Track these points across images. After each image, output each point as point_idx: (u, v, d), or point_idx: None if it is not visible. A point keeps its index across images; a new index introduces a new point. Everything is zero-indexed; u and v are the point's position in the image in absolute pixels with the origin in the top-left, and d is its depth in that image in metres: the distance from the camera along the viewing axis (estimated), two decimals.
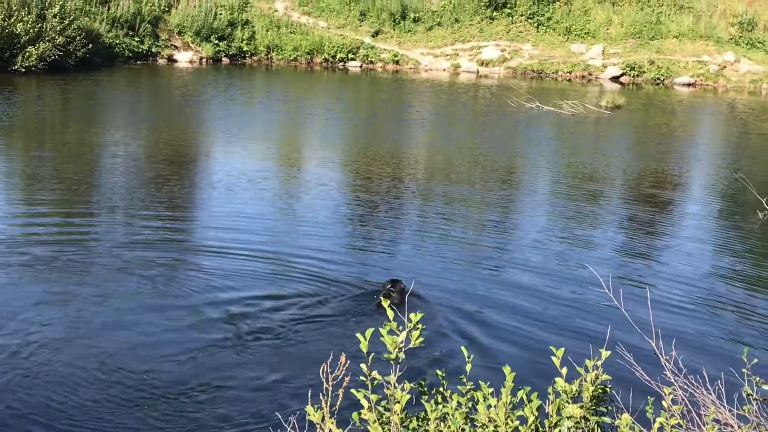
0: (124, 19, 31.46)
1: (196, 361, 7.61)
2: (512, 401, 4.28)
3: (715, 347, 8.43)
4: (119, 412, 6.54)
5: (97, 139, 18.38)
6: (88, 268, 10.00)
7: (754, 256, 12.21)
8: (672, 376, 4.66)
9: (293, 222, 13.18)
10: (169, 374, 7.27)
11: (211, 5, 33.65)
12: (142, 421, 6.43)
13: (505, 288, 9.94)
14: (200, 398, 6.85)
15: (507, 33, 37.81)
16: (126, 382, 7.03)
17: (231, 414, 6.60)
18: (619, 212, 14.63)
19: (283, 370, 7.40)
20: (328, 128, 22.21)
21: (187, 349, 7.85)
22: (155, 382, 7.08)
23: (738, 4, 39.86)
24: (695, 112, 29.79)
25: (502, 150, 19.97)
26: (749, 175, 16.92)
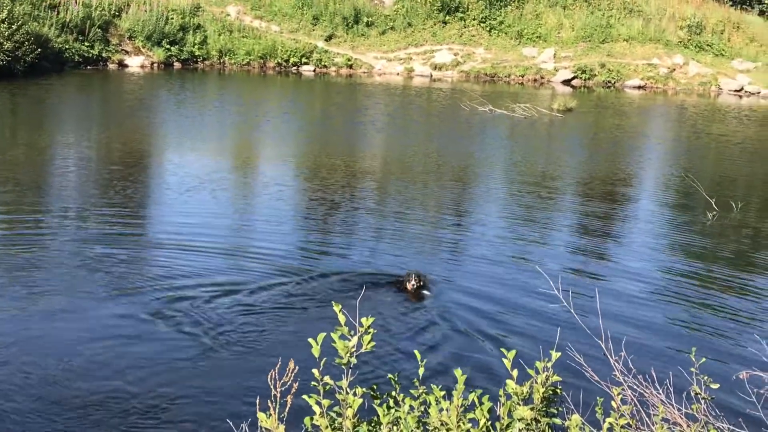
0: (73, 24, 31.02)
1: (149, 364, 7.53)
2: (464, 404, 4.30)
3: (664, 347, 8.51)
4: (60, 418, 6.45)
5: (47, 144, 18.16)
6: (40, 266, 9.92)
7: (703, 257, 12.37)
8: (621, 377, 4.70)
9: (249, 220, 13.20)
10: (117, 378, 7.19)
11: (162, 9, 33.36)
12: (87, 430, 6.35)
13: (454, 290, 9.95)
14: (151, 402, 6.78)
15: (460, 37, 37.97)
16: (70, 388, 6.93)
17: (182, 419, 6.55)
18: (570, 213, 14.75)
19: (238, 374, 7.36)
20: (282, 131, 22.12)
21: (140, 351, 7.78)
22: (102, 387, 6.99)
23: (686, 8, 40.43)
24: (646, 114, 30.14)
25: (455, 152, 20.04)
26: (699, 176, 17.18)
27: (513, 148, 21.58)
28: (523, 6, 39.33)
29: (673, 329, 9.15)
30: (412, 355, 4.67)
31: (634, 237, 13.49)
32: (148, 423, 6.49)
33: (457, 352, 8.02)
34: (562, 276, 9.89)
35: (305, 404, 4.24)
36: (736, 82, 36.27)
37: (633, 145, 23.68)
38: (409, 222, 13.52)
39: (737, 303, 10.22)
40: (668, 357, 8.06)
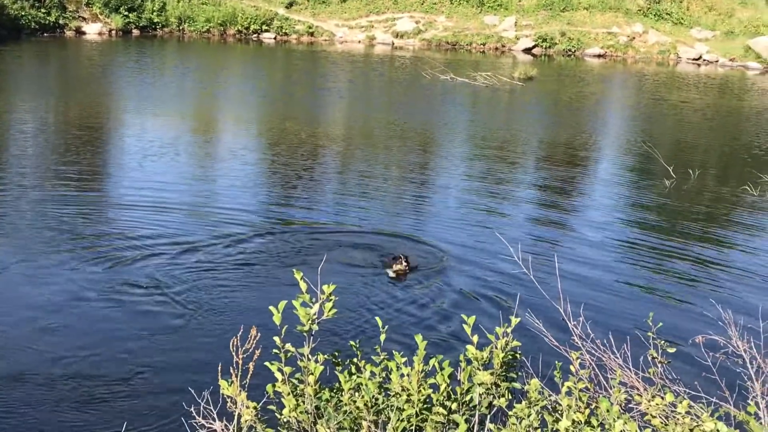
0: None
1: (109, 332, 7.49)
2: (425, 369, 4.32)
3: (623, 312, 8.58)
4: (16, 392, 6.40)
5: (4, 110, 17.86)
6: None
7: (661, 224, 12.49)
8: (580, 341, 4.76)
9: (211, 184, 13.25)
10: (76, 347, 7.14)
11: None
12: (51, 404, 6.30)
13: (415, 255, 9.97)
14: (111, 372, 6.74)
15: (421, 5, 37.82)
16: (23, 362, 6.87)
17: (144, 389, 6.52)
18: (530, 180, 14.83)
19: (201, 341, 7.34)
20: (244, 98, 21.99)
21: (99, 318, 7.75)
22: (61, 357, 6.94)
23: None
24: (606, 82, 30.30)
25: (417, 119, 20.02)
26: (657, 144, 17.34)
27: (474, 116, 21.60)
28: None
29: (631, 295, 9.24)
30: (373, 322, 4.68)
31: (594, 204, 13.59)
32: (108, 394, 6.44)
33: (418, 319, 8.05)
34: (523, 242, 9.97)
35: (268, 370, 4.24)
36: (695, 50, 36.53)
37: (593, 113, 23.81)
38: (372, 186, 13.54)
39: (694, 269, 10.34)
40: (626, 322, 8.13)
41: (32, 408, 6.21)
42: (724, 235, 12.00)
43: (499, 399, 4.36)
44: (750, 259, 10.87)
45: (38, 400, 6.33)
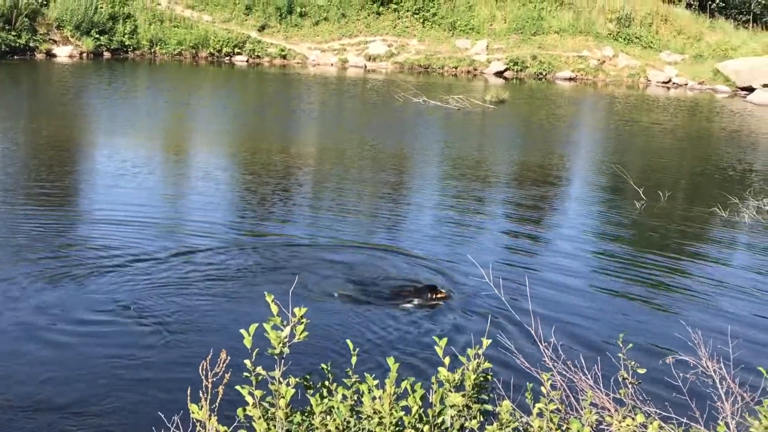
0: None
1: (78, 352, 7.43)
2: (397, 392, 4.32)
3: (593, 333, 8.61)
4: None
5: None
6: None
7: (631, 246, 12.57)
8: (551, 363, 4.77)
9: (183, 203, 13.23)
10: (43, 367, 7.08)
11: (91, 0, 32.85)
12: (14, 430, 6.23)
13: (386, 278, 9.96)
14: (81, 394, 6.68)
15: (393, 28, 38.00)
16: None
17: (114, 411, 6.46)
18: (502, 203, 14.88)
19: (170, 363, 7.29)
20: (217, 120, 21.94)
21: (68, 339, 7.68)
22: (28, 380, 6.86)
23: (616, 1, 40.99)
24: (576, 105, 30.55)
25: (389, 141, 20.06)
26: (628, 166, 17.46)
27: (447, 138, 21.68)
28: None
29: (601, 316, 9.28)
30: (345, 345, 4.67)
31: (564, 227, 13.66)
32: (78, 417, 6.38)
33: (390, 341, 8.03)
34: (495, 263, 9.96)
35: (239, 394, 4.22)
36: (664, 73, 36.92)
37: (564, 135, 23.97)
38: (344, 205, 13.57)
39: (664, 291, 10.41)
40: (597, 343, 8.17)
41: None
42: (694, 257, 12.09)
43: (470, 421, 4.36)
44: (719, 280, 10.95)
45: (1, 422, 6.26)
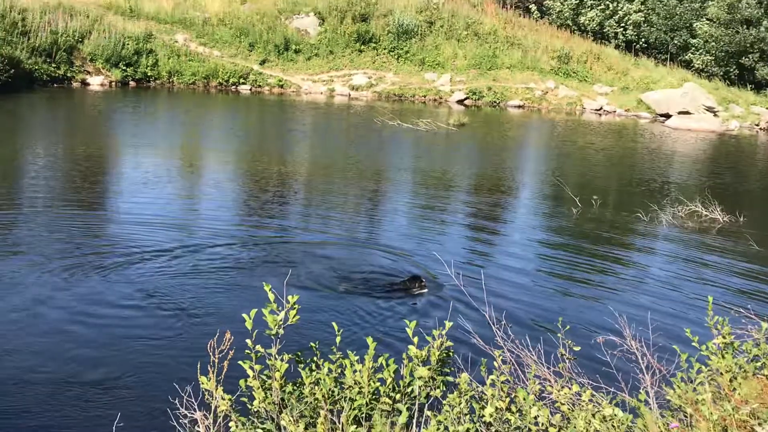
0: (42, 48, 30.07)
1: (102, 334, 7.39)
2: (374, 366, 4.31)
3: (537, 318, 8.64)
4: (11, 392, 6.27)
5: (21, 146, 17.59)
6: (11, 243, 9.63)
7: (570, 245, 12.64)
8: (502, 342, 4.78)
9: (196, 208, 13.16)
10: (69, 347, 7.05)
11: (119, 36, 32.53)
12: (53, 397, 6.18)
13: (367, 270, 9.95)
14: (103, 370, 6.63)
15: (373, 63, 38.01)
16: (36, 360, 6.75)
17: (133, 385, 6.42)
18: (462, 208, 14.92)
19: (183, 343, 7.26)
20: (223, 138, 21.85)
21: (92, 322, 7.64)
22: (54, 358, 6.82)
23: (557, 41, 41.19)
24: (524, 128, 30.65)
25: (369, 156, 20.08)
26: (566, 178, 17.55)
27: (417, 155, 21.70)
28: (425, 38, 39.57)
29: (544, 303, 9.32)
30: (331, 327, 4.66)
31: (514, 229, 13.72)
32: (105, 386, 6.35)
33: (369, 323, 8.04)
34: (456, 260, 9.97)
35: (241, 368, 4.21)
36: (597, 102, 37.12)
37: (514, 152, 24.07)
38: (332, 209, 13.55)
39: (597, 282, 10.47)
40: (540, 325, 8.20)
41: (35, 404, 6.09)
42: (621, 255, 12.18)
43: (435, 390, 4.36)
44: (641, 274, 11.05)
45: (41, 394, 6.22)
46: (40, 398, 6.15)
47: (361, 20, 38.97)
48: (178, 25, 36.72)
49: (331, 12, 39.11)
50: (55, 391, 6.28)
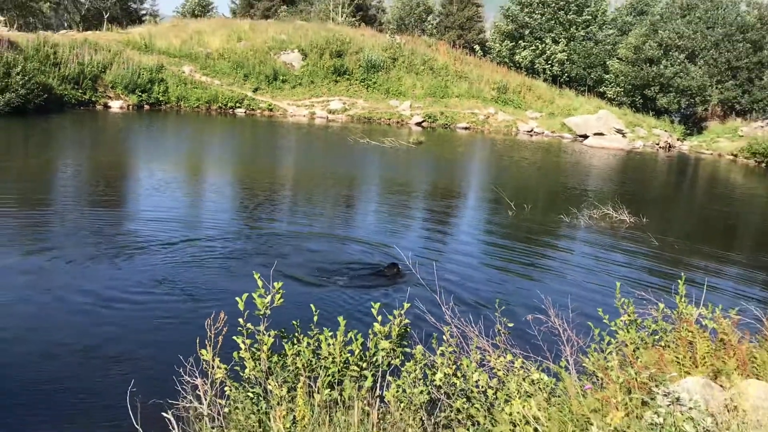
0: (71, 77, 29.51)
1: (114, 313, 7.27)
2: (344, 340, 4.30)
3: (479, 299, 8.64)
4: (26, 370, 6.15)
5: (52, 158, 17.25)
6: (39, 239, 9.42)
7: (507, 241, 12.72)
8: (450, 319, 4.79)
9: (199, 209, 12.99)
10: (86, 325, 6.94)
11: (136, 67, 32.06)
12: (66, 371, 6.06)
13: (342, 261, 9.91)
14: (114, 347, 6.53)
15: (347, 91, 37.93)
16: (65, 335, 6.62)
17: (142, 358, 6.33)
18: (420, 211, 14.95)
19: (184, 322, 7.16)
20: (222, 152, 21.64)
21: (106, 304, 7.51)
22: (69, 336, 6.70)
23: (496, 75, 41.46)
24: (470, 146, 30.79)
25: (344, 168, 20.00)
26: (504, 187, 17.65)
27: (383, 166, 21.69)
28: (390, 72, 39.60)
29: (485, 288, 9.34)
30: (309, 308, 4.63)
31: (462, 227, 13.77)
32: (116, 362, 6.24)
33: (342, 305, 8.00)
34: (413, 251, 9.99)
35: (235, 342, 4.17)
36: (529, 125, 37.41)
37: (462, 165, 24.16)
38: (312, 211, 13.47)
39: (528, 270, 10.54)
40: (481, 306, 8.21)
41: (61, 372, 5.98)
42: (547, 248, 12.28)
43: (395, 360, 4.36)
44: (564, 264, 11.14)
45: (67, 363, 6.10)
46: (66, 367, 6.04)
47: (337, 56, 38.90)
48: (185, 58, 36.34)
49: (312, 49, 39.00)
50: (77, 361, 6.17)
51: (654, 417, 2.90)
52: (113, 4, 49.17)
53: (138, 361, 6.24)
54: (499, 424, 3.61)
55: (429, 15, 55.22)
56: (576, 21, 45.67)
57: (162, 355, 6.29)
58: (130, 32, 38.36)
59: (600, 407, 3.32)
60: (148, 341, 6.68)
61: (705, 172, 28.52)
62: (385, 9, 59.07)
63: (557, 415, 3.46)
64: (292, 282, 8.55)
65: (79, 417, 5.40)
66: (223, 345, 4.21)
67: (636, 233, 13.62)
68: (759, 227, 16.89)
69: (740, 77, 39.55)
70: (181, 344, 6.43)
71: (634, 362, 3.79)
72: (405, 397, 4.06)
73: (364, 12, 54.40)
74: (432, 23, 54.20)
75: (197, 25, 41.22)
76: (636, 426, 2.92)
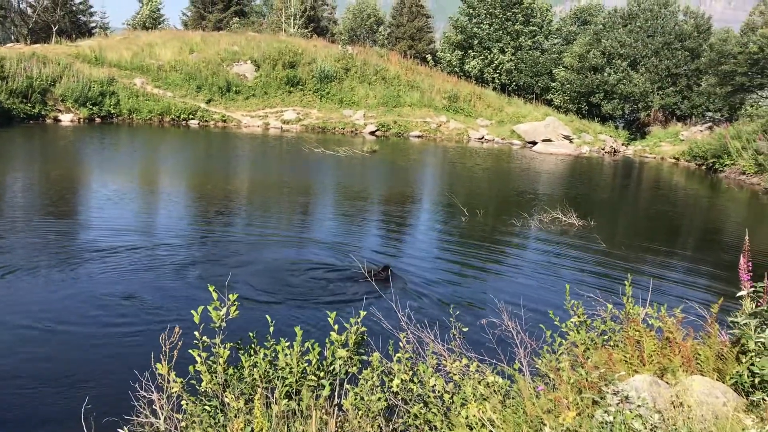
0: (19, 90, 28.69)
1: (65, 328, 7.05)
2: (301, 350, 4.26)
3: (434, 305, 8.63)
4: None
5: (2, 172, 16.79)
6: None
7: (460, 245, 12.80)
8: (406, 325, 4.79)
9: (157, 222, 12.65)
10: (35, 342, 6.70)
11: (86, 80, 31.37)
12: (16, 395, 5.87)
13: (289, 269, 9.82)
14: (65, 365, 6.35)
15: (301, 102, 37.80)
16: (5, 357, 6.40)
17: (96, 376, 6.16)
18: (375, 217, 14.94)
19: (140, 337, 6.99)
20: (176, 163, 21.29)
21: (55, 319, 7.28)
22: (18, 352, 6.49)
23: (447, 85, 41.87)
24: (423, 153, 30.99)
25: (299, 177, 19.88)
26: (457, 193, 17.80)
27: (338, 175, 21.65)
28: (343, 82, 39.63)
29: (440, 292, 9.33)
30: (265, 319, 4.58)
31: (416, 235, 13.80)
32: (69, 379, 6.05)
33: (298, 315, 7.91)
34: (369, 259, 9.97)
35: (191, 356, 4.09)
36: (479, 133, 37.85)
37: (416, 172, 24.28)
38: (267, 218, 13.33)
39: (481, 275, 10.63)
40: (436, 311, 8.20)
41: (11, 396, 5.77)
42: (499, 252, 12.40)
43: (352, 368, 4.34)
44: (516, 267, 11.26)
45: (15, 386, 5.89)
46: (13, 388, 5.82)
47: (290, 67, 38.76)
48: (136, 71, 35.76)
49: (265, 60, 38.78)
50: (25, 382, 5.96)
51: (604, 416, 2.95)
52: (62, 17, 48.00)
53: (91, 378, 6.06)
54: (456, 428, 3.63)
55: (380, 26, 55.55)
56: (523, 31, 46.49)
57: (116, 371, 6.13)
58: (80, 45, 37.60)
59: (553, 408, 3.36)
60: (101, 356, 6.50)
61: (649, 175, 29.28)
62: (336, 20, 59.16)
63: (512, 417, 3.49)
64: (249, 292, 8.45)
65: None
66: (180, 358, 4.13)
67: (584, 236, 13.86)
68: (701, 227, 17.40)
69: (680, 84, 40.80)
70: (135, 358, 6.30)
71: (585, 362, 3.85)
72: (363, 405, 4.04)
73: (316, 23, 54.37)
74: (383, 34, 54.51)
75: (148, 37, 40.61)
76: (587, 425, 2.97)
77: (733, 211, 20.74)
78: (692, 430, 2.80)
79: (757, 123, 28.95)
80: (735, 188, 25.25)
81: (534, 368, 4.51)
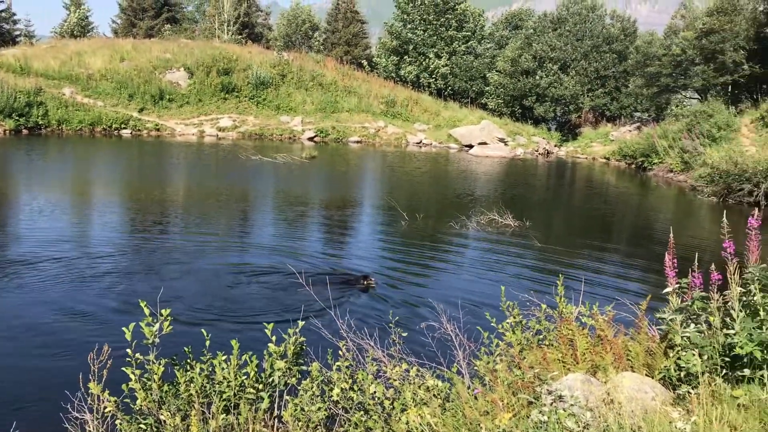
0: None
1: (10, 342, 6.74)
2: (239, 363, 4.19)
3: (372, 311, 8.50)
4: None
5: None
6: None
7: (400, 249, 12.83)
8: (345, 333, 4.77)
9: (87, 233, 12.22)
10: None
11: (11, 91, 30.19)
12: None
13: (228, 277, 9.66)
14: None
15: (236, 108, 37.33)
16: None
17: (27, 399, 5.90)
18: (315, 224, 14.85)
19: (70, 356, 6.73)
20: (108, 173, 20.68)
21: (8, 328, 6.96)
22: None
23: (384, 90, 42.10)
24: (362, 159, 31.04)
25: (237, 185, 19.61)
26: (397, 197, 17.88)
27: (277, 182, 21.45)
28: (279, 88, 39.36)
29: (380, 297, 9.21)
30: (201, 334, 4.48)
31: (356, 239, 13.78)
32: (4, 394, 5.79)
33: (234, 328, 7.72)
34: (305, 269, 9.87)
35: (125, 373, 3.98)
36: (417, 137, 38.18)
37: (355, 178, 24.29)
38: (205, 227, 13.08)
39: (420, 279, 10.66)
40: (370, 317, 8.09)
41: None
42: (438, 255, 12.49)
43: (291, 378, 4.29)
44: (454, 270, 11.37)
45: None
46: None
47: (224, 74, 38.26)
48: (65, 80, 34.64)
49: (198, 67, 38.17)
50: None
51: (539, 416, 3.00)
52: None
53: (18, 400, 5.80)
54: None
55: (315, 32, 55.39)
56: (456, 36, 47.18)
57: (46, 391, 5.88)
58: (4, 54, 36.20)
59: (490, 409, 3.40)
60: (29, 377, 6.23)
61: (581, 174, 30.10)
62: (271, 26, 58.69)
63: (451, 420, 3.51)
64: (184, 304, 8.25)
65: None
66: (114, 376, 4.00)
67: (520, 236, 14.12)
68: (632, 224, 17.98)
69: (608, 85, 42.15)
70: (67, 378, 6.04)
71: (521, 363, 3.91)
72: (303, 416, 4.00)
73: (250, 29, 53.81)
74: (319, 40, 54.38)
75: (77, 45, 39.42)
76: (523, 426, 3.01)
77: (662, 207, 21.52)
78: (623, 426, 2.88)
79: (681, 122, 30.16)
80: (663, 185, 26.24)
81: (473, 370, 4.56)
